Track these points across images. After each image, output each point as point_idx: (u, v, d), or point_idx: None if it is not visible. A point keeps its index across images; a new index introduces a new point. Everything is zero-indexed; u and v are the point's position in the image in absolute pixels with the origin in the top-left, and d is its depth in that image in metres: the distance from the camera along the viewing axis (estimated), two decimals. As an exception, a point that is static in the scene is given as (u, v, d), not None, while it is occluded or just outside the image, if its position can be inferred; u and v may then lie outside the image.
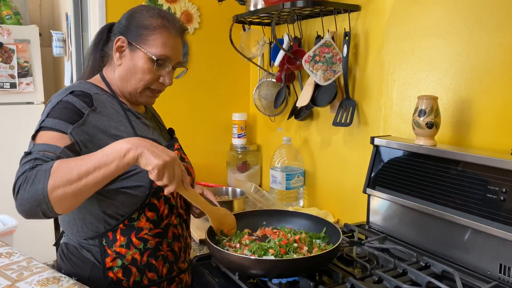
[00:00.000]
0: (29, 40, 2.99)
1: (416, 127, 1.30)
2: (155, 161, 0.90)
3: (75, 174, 0.87)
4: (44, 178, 0.87)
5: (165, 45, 1.11)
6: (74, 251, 1.13)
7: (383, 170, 1.44)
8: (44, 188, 0.86)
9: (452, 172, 1.22)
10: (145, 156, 0.90)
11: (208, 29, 2.29)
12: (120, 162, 0.89)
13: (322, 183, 1.96)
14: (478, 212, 1.14)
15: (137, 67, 1.12)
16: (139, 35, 1.12)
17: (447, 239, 1.24)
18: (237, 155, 2.36)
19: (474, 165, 1.16)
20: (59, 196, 0.87)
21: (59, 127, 0.99)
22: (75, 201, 0.92)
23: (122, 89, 1.17)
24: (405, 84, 1.52)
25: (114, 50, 1.14)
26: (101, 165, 0.89)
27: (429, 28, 1.42)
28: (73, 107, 1.04)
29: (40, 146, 0.96)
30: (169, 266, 1.15)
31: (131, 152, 0.90)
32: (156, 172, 0.90)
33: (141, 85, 1.14)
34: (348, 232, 1.44)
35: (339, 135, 1.84)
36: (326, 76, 1.68)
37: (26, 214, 0.89)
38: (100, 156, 0.89)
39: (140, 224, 1.09)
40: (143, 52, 1.11)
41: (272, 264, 0.98)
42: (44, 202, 0.86)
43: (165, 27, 1.12)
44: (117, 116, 1.12)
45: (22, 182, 0.89)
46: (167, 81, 1.16)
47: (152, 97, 1.20)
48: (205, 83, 2.32)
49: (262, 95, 2.15)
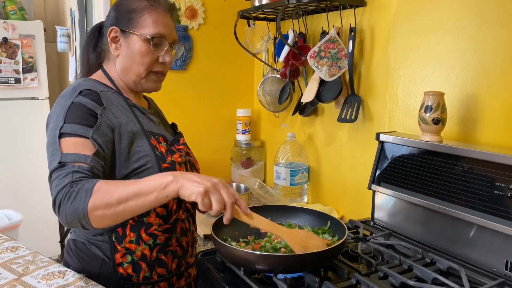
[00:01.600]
0: (34, 35, 2.99)
1: (422, 123, 1.29)
2: (197, 189, 0.89)
3: (115, 199, 0.90)
4: (85, 197, 0.89)
5: (156, 23, 1.11)
6: (83, 247, 1.13)
7: (388, 166, 1.43)
8: (84, 208, 0.89)
9: (458, 169, 1.21)
10: (186, 187, 0.90)
11: (213, 25, 2.28)
12: (160, 194, 0.90)
13: (327, 179, 1.96)
14: (484, 208, 1.13)
15: (134, 52, 1.12)
16: (129, 20, 1.11)
17: (452, 235, 1.23)
18: (241, 151, 2.36)
19: (480, 162, 1.16)
20: (98, 216, 0.90)
21: (79, 132, 1.00)
22: (114, 222, 0.94)
23: (126, 81, 1.17)
24: (411, 80, 1.51)
25: (109, 42, 1.13)
26: (141, 194, 0.90)
27: (435, 24, 1.41)
28: (86, 109, 1.04)
29: (70, 156, 0.96)
30: (178, 261, 1.16)
31: (172, 185, 0.90)
32: (200, 199, 0.89)
33: (143, 70, 1.13)
34: (353, 228, 1.44)
35: (344, 131, 1.83)
36: (331, 72, 1.68)
37: (67, 225, 0.94)
38: (142, 184, 0.91)
39: (150, 220, 1.10)
40: (137, 35, 1.11)
41: (277, 259, 0.98)
42: (84, 219, 0.90)
43: (152, 6, 1.12)
44: (124, 113, 1.12)
45: (63, 197, 0.91)
46: (167, 59, 1.15)
47: (158, 81, 1.19)
48: (210, 79, 2.32)
49: (267, 91, 2.14)
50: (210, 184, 0.90)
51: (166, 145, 1.16)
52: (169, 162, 1.12)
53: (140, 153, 1.08)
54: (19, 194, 2.98)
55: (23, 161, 2.99)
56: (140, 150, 1.08)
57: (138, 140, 1.09)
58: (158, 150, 1.12)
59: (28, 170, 3.00)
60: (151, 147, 1.10)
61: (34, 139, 2.99)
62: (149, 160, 1.08)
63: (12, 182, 2.97)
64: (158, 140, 1.14)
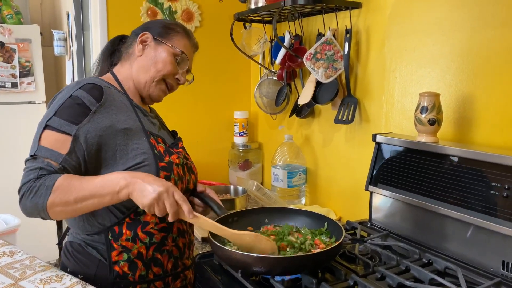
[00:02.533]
0: (30, 39, 2.99)
1: (418, 124, 1.30)
2: (143, 200, 0.96)
3: (72, 197, 0.96)
4: (45, 194, 0.96)
5: (186, 48, 1.23)
6: (79, 249, 1.13)
7: (385, 167, 1.44)
8: (44, 203, 0.96)
9: (454, 169, 1.22)
10: (135, 197, 0.97)
11: (209, 28, 2.29)
12: (114, 197, 0.98)
13: (324, 180, 1.96)
14: (480, 208, 1.13)
15: (159, 58, 1.19)
16: (164, 33, 1.22)
17: (449, 235, 1.24)
18: (238, 153, 2.36)
19: (476, 162, 1.16)
20: (57, 212, 0.98)
21: (64, 128, 1.04)
22: (72, 216, 1.06)
23: (137, 80, 1.21)
24: (407, 81, 1.51)
25: (138, 42, 1.21)
26: (96, 195, 0.98)
27: (430, 25, 1.41)
28: (81, 104, 1.07)
29: (44, 151, 1.02)
30: (174, 261, 1.17)
31: (123, 191, 0.97)
32: (147, 210, 0.98)
33: (160, 75, 1.20)
34: (350, 230, 1.44)
35: (340, 133, 1.84)
36: (327, 73, 1.68)
37: (27, 216, 1.02)
38: (98, 186, 0.97)
39: (146, 218, 1.11)
40: (169, 46, 1.21)
41: (274, 261, 0.98)
42: (44, 213, 0.98)
43: (187, 34, 1.26)
44: (126, 110, 1.14)
45: (25, 191, 0.98)
46: (182, 78, 1.25)
47: (164, 91, 1.25)
48: (206, 82, 2.32)
49: (264, 93, 2.14)
50: (155, 195, 0.96)
51: (165, 146, 1.17)
52: (166, 162, 1.13)
53: (138, 150, 1.09)
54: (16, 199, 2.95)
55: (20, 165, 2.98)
56: (139, 147, 1.10)
57: (137, 138, 1.11)
58: (156, 149, 1.13)
59: (25, 174, 2.98)
60: (150, 145, 1.12)
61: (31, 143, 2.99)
62: (147, 157, 1.09)
63: (9, 186, 2.93)
64: (157, 141, 1.16)
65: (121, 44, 1.28)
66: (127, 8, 2.10)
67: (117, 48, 1.29)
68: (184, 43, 1.24)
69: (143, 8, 2.12)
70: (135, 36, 1.24)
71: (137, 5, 2.11)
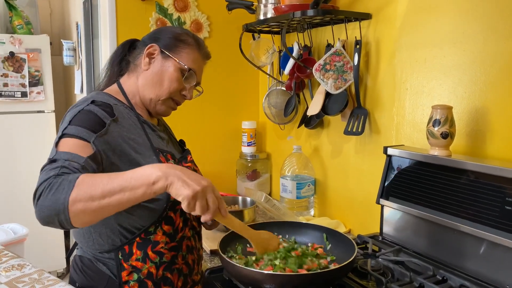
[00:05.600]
0: (40, 49, 3.01)
1: (430, 137, 1.28)
2: (185, 191, 0.88)
3: (99, 191, 0.86)
4: (68, 188, 0.85)
5: (194, 62, 1.18)
6: (89, 264, 1.12)
7: (397, 180, 1.42)
8: (66, 198, 0.84)
9: (468, 183, 1.19)
10: (175, 187, 0.88)
11: (218, 38, 2.29)
12: (148, 190, 0.88)
13: (334, 192, 1.94)
14: (495, 224, 1.11)
15: (166, 74, 1.15)
16: (173, 46, 1.17)
17: (463, 251, 1.21)
18: (246, 163, 2.35)
19: (490, 176, 1.14)
20: (79, 210, 0.85)
21: (82, 135, 0.99)
22: (94, 218, 0.90)
23: (143, 96, 1.17)
24: (418, 92, 1.50)
25: (144, 55, 1.16)
26: (128, 188, 0.87)
27: (442, 36, 1.40)
28: (95, 116, 1.04)
29: (64, 155, 0.94)
30: (183, 279, 1.15)
31: (160, 182, 0.88)
32: (186, 204, 0.89)
33: (165, 93, 1.16)
34: (361, 244, 1.42)
35: (350, 144, 1.82)
36: (337, 84, 1.67)
37: (43, 221, 0.87)
38: (129, 178, 0.88)
39: (157, 238, 1.09)
40: (176, 61, 1.15)
41: (285, 279, 0.96)
42: (63, 213, 0.84)
43: (198, 45, 1.20)
44: (134, 128, 1.12)
45: (45, 188, 0.87)
46: (189, 95, 1.21)
47: (172, 108, 1.22)
48: (215, 92, 2.32)
49: (272, 103, 2.14)
50: (199, 189, 0.90)
51: (174, 162, 1.16)
52: None
53: None
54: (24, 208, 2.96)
55: (29, 174, 3.00)
56: None
57: (147, 156, 1.09)
58: None
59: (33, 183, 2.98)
60: None
61: (40, 152, 3.00)
62: None
63: (17, 196, 2.97)
64: (167, 158, 1.14)
65: (131, 50, 1.23)
66: (136, 18, 2.11)
67: (127, 55, 1.23)
68: (194, 57, 1.18)
69: (152, 19, 2.13)
70: (143, 46, 1.18)
71: (146, 15, 2.12)
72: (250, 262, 1.12)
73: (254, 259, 1.13)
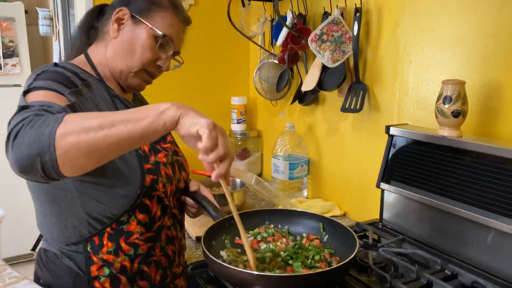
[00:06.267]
0: (14, 18, 2.81)
1: (439, 115, 1.15)
2: (203, 120, 0.73)
3: (95, 121, 0.70)
4: (55, 123, 0.69)
5: (172, 27, 1.03)
6: (54, 259, 1.00)
7: (399, 162, 1.30)
8: (52, 132, 0.68)
9: (480, 167, 1.08)
10: (189, 116, 0.73)
11: (204, 5, 2.12)
12: (156, 120, 0.72)
13: (328, 173, 1.84)
14: (508, 212, 1.00)
15: (137, 42, 1.00)
16: (146, 9, 1.01)
17: (473, 241, 1.11)
18: (236, 142, 2.25)
19: (506, 160, 1.02)
20: (70, 144, 0.68)
21: (53, 87, 0.85)
22: (87, 159, 0.72)
23: (113, 68, 1.04)
24: (423, 66, 1.37)
25: (112, 21, 1.01)
26: (131, 119, 0.71)
27: (452, 3, 1.25)
28: (64, 75, 0.91)
29: (37, 102, 0.78)
30: (162, 272, 1.04)
31: (171, 110, 0.73)
32: (207, 131, 0.72)
33: (138, 64, 1.02)
34: (360, 232, 1.31)
35: (347, 122, 1.70)
36: (334, 57, 1.53)
37: (20, 165, 0.70)
38: (132, 110, 0.74)
39: (130, 228, 0.97)
40: (148, 26, 1.00)
41: (278, 280, 0.84)
42: (49, 150, 0.68)
43: (174, 8, 1.04)
44: (104, 102, 1.00)
45: (24, 125, 0.71)
46: (165, 66, 1.06)
47: (146, 81, 1.08)
48: (201, 65, 2.18)
49: (263, 77, 2.02)
50: (211, 122, 0.75)
51: (150, 143, 1.03)
52: (152, 163, 1.00)
53: None
54: (0, 189, 2.84)
55: (4, 153, 2.84)
56: None
57: None
58: (140, 149, 0.99)
59: (10, 162, 2.85)
60: None
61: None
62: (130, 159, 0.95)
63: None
64: None
65: (100, 17, 1.08)
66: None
67: (95, 22, 1.09)
68: (170, 21, 1.03)
69: (132, -17, 1.94)
70: (112, 11, 1.03)
71: (125, -20, 1.94)
72: (241, 261, 1.00)
73: (246, 259, 1.01)
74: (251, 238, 1.14)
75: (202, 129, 0.73)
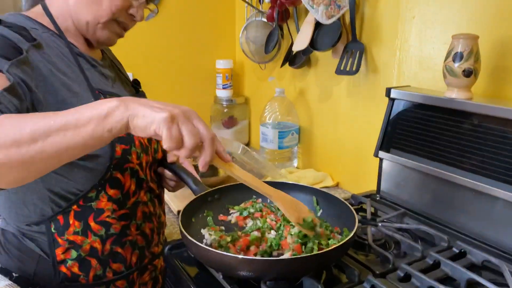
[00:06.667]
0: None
1: (448, 75, 1.03)
2: (158, 114, 0.61)
3: (27, 132, 0.60)
4: None
5: None
6: (14, 240, 0.90)
7: (401, 129, 1.20)
8: None
9: (491, 132, 0.98)
10: (140, 114, 0.61)
11: (185, -42, 1.97)
12: (99, 126, 0.61)
13: (320, 141, 1.74)
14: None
15: None
16: None
17: (482, 215, 1.02)
18: (222, 109, 2.14)
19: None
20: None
21: None
22: (24, 174, 0.64)
23: (77, 19, 0.90)
24: (427, 21, 1.24)
25: None
26: (70, 125, 0.60)
27: None
28: (6, 40, 0.77)
29: None
30: (139, 252, 0.95)
31: (117, 112, 0.61)
32: (166, 128, 0.61)
33: (106, 13, 0.88)
34: (356, 205, 1.21)
35: (342, 86, 1.59)
36: (329, 12, 1.41)
37: None
38: (72, 111, 0.62)
39: (100, 205, 0.87)
40: None
41: (266, 265, 0.73)
42: None
43: None
44: (65, 61, 0.86)
45: None
46: (138, 14, 0.92)
47: (117, 34, 0.94)
48: (183, 24, 2.04)
49: (251, 38, 1.90)
50: (177, 111, 0.63)
51: None
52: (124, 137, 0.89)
53: None
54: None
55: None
56: None
57: (83, 98, 0.84)
58: None
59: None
60: None
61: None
62: None
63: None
64: None
65: None
66: None
67: None
68: None
69: None
70: None
71: None
72: (224, 243, 0.89)
73: (230, 240, 0.90)
74: (236, 214, 1.03)
75: (159, 128, 0.61)
